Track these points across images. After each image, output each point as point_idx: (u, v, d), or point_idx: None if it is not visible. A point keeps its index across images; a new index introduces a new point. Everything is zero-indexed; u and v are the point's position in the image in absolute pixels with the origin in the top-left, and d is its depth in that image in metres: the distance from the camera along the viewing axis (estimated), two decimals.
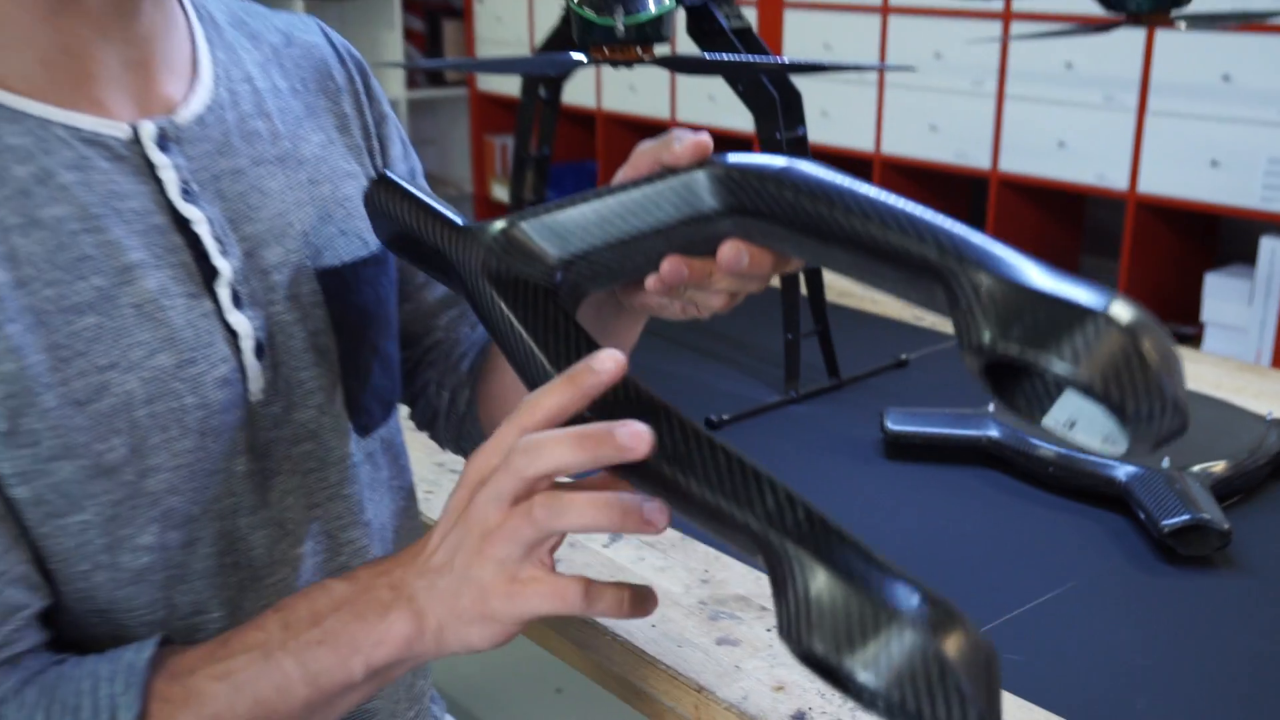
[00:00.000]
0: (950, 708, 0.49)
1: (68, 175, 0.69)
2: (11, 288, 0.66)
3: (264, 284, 0.76)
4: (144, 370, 0.69)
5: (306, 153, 0.82)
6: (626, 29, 0.90)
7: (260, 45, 0.84)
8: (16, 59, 0.69)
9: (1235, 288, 2.60)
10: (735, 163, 0.66)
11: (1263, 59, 2.37)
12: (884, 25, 2.97)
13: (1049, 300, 0.52)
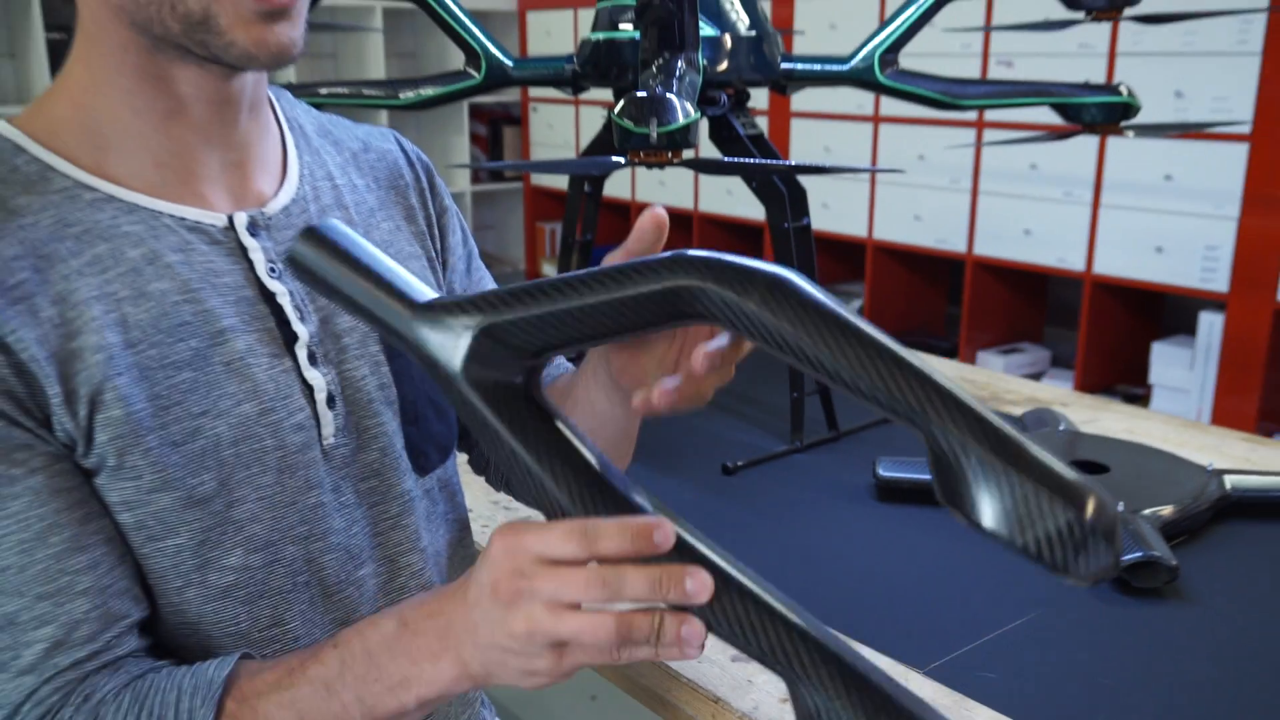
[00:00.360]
0: None
1: (173, 256, 0.70)
2: (122, 348, 0.67)
3: (336, 345, 0.77)
4: (231, 417, 0.70)
5: (377, 237, 0.83)
6: (659, 136, 0.90)
7: (341, 150, 0.85)
8: (135, 161, 0.71)
9: (1178, 355, 2.57)
10: (719, 280, 0.56)
11: (1199, 162, 2.37)
12: (875, 131, 2.99)
13: (1031, 485, 0.50)
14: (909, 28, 1.26)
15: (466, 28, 1.31)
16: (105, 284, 0.68)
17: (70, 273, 0.67)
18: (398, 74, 4.26)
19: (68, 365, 0.66)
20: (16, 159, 0.69)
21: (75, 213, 0.68)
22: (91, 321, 0.66)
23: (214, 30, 0.66)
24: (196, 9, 0.65)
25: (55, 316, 0.66)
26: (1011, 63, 2.64)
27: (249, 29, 0.66)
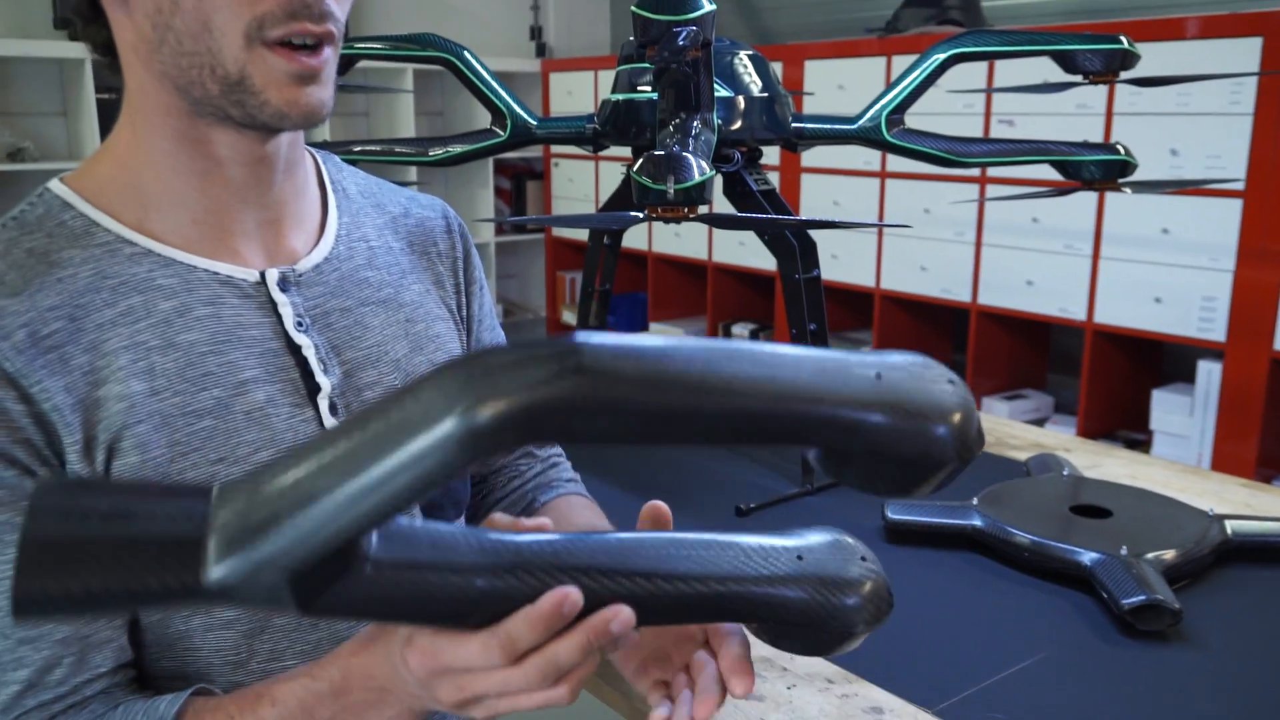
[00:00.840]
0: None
1: (203, 309, 0.72)
2: (145, 396, 0.68)
3: (358, 399, 0.78)
4: (247, 464, 0.71)
5: (406, 298, 0.84)
6: (676, 193, 0.91)
7: (383, 213, 0.86)
8: (173, 218, 0.72)
9: (1178, 402, 2.55)
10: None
11: (1195, 217, 2.37)
12: (882, 186, 3.00)
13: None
14: (914, 89, 1.27)
15: (493, 89, 1.32)
16: (136, 334, 0.69)
17: (104, 322, 0.68)
18: (426, 131, 4.31)
19: (91, 412, 0.66)
20: (65, 215, 0.71)
21: (114, 266, 0.70)
22: (119, 371, 0.67)
23: (249, 91, 0.67)
24: (234, 71, 0.67)
25: (85, 365, 0.67)
26: (1013, 121, 2.65)
27: (282, 90, 0.68)
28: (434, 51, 1.33)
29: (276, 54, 0.67)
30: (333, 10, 0.68)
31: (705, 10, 0.95)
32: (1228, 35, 2.27)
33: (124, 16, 0.69)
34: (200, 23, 0.66)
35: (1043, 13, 3.12)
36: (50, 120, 3.54)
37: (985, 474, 1.30)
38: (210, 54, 0.66)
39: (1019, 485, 1.25)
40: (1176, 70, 2.30)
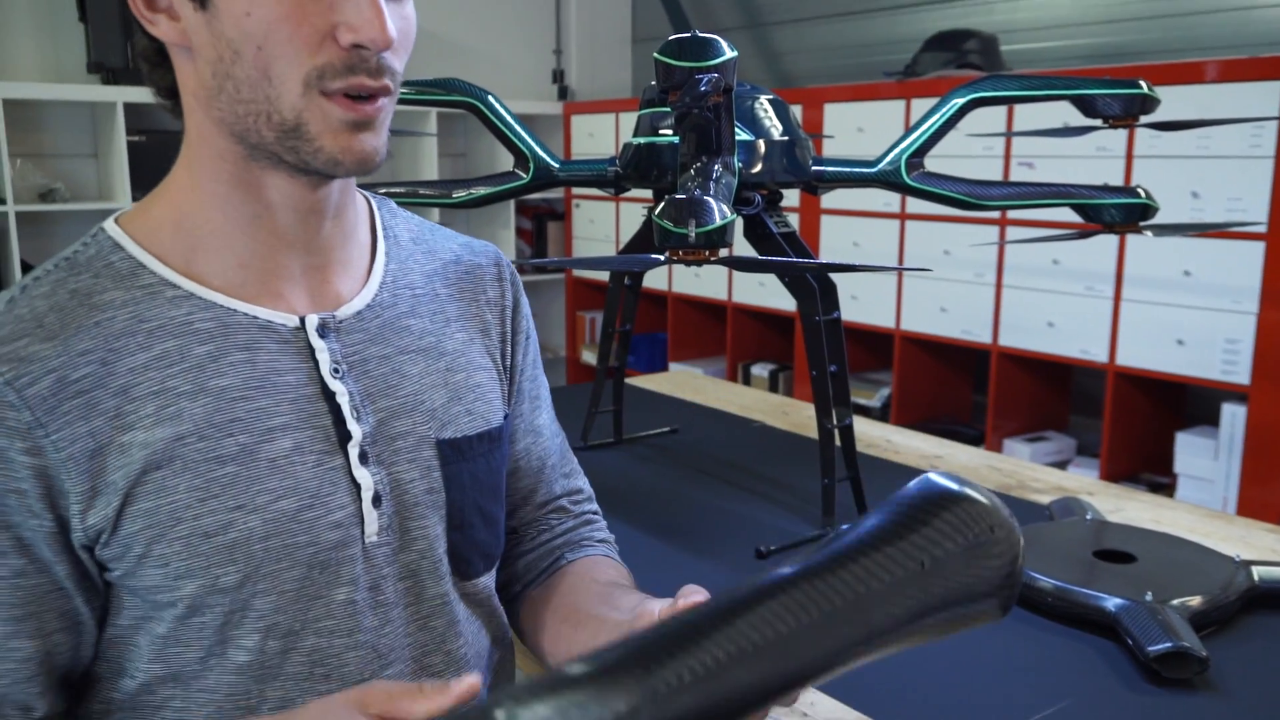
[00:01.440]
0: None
1: (238, 355, 0.72)
2: (168, 441, 0.68)
3: (390, 447, 0.77)
4: (267, 513, 0.70)
5: (449, 346, 0.83)
6: (697, 236, 0.92)
7: (433, 259, 0.86)
8: (219, 261, 0.73)
9: (1202, 445, 2.53)
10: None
11: (1217, 259, 2.36)
12: (902, 228, 3.01)
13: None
14: (934, 133, 1.28)
15: (516, 132, 1.34)
16: (167, 379, 0.69)
17: (136, 366, 0.69)
18: (449, 172, 4.36)
19: (113, 456, 0.67)
20: (114, 256, 0.72)
21: (153, 309, 0.70)
22: (145, 418, 0.68)
23: (304, 137, 0.68)
24: (290, 118, 0.68)
25: (112, 409, 0.67)
26: (1032, 164, 2.66)
27: (336, 137, 0.69)
28: (459, 96, 1.35)
29: (333, 102, 0.68)
30: (391, 65, 0.70)
31: (727, 57, 0.96)
32: (1247, 79, 2.27)
33: (187, 63, 0.70)
34: (260, 71, 0.67)
35: (1062, 56, 3.13)
36: (82, 162, 3.60)
37: None
38: (268, 101, 0.68)
39: (1042, 529, 1.23)
40: (1196, 113, 2.30)
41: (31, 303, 0.68)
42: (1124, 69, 2.61)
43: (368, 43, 0.67)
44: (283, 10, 0.66)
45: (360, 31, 0.66)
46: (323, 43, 0.67)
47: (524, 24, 4.55)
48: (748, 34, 4.16)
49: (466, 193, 1.36)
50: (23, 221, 3.32)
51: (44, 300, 0.69)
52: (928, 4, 3.47)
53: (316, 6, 0.66)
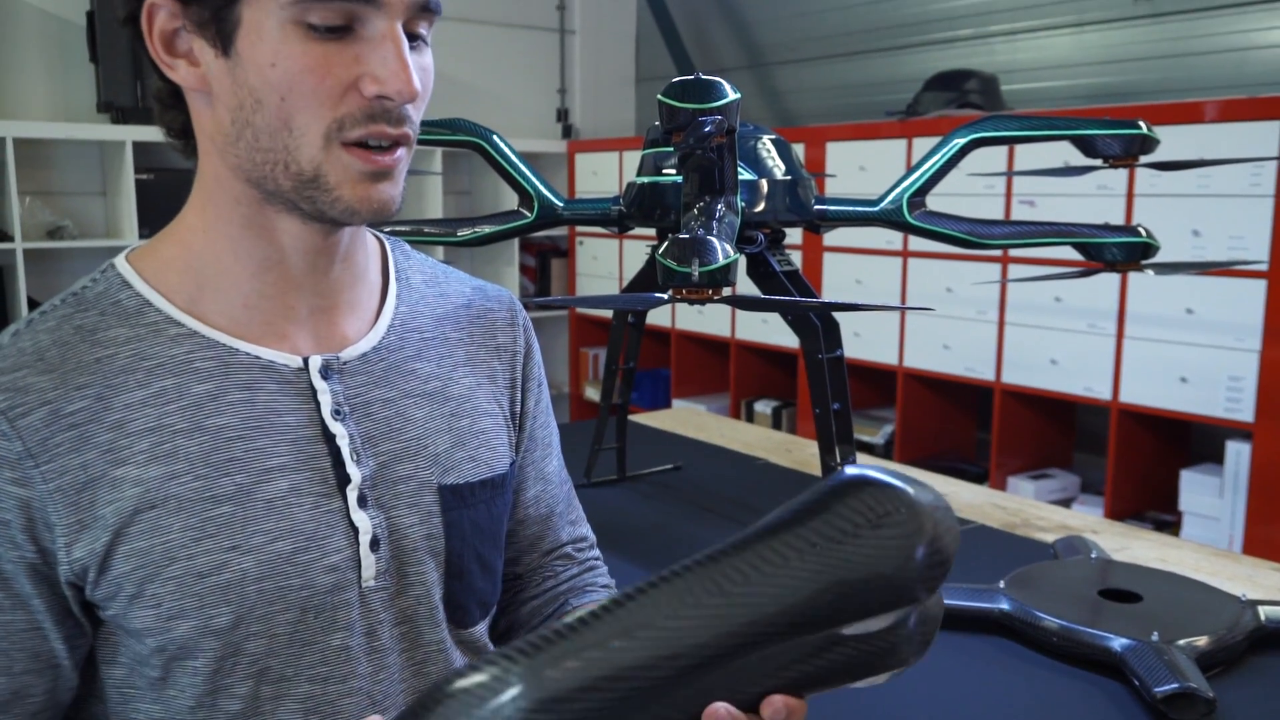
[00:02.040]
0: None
1: (238, 394, 0.72)
2: (162, 480, 0.68)
3: (390, 491, 0.76)
4: (261, 554, 0.70)
5: (455, 391, 0.82)
6: (700, 275, 0.92)
7: (445, 303, 0.85)
8: (226, 302, 0.73)
9: (1207, 483, 2.52)
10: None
11: (1219, 296, 2.36)
12: (905, 266, 3.02)
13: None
14: (935, 173, 1.29)
15: (521, 172, 1.35)
16: (164, 416, 0.69)
17: (133, 403, 0.69)
18: (454, 209, 4.39)
19: (104, 491, 0.67)
20: (122, 294, 0.72)
21: (155, 347, 0.70)
22: (139, 453, 0.68)
23: (322, 188, 0.68)
24: (308, 168, 0.68)
25: (106, 443, 0.67)
26: (1034, 202, 2.67)
27: (355, 187, 0.69)
28: (464, 136, 1.36)
29: (352, 153, 0.68)
30: (410, 115, 0.70)
31: (730, 99, 0.97)
32: (1246, 118, 2.29)
33: (205, 108, 0.71)
34: (281, 121, 0.67)
35: (1062, 96, 3.16)
36: (90, 200, 3.63)
37: (1011, 556, 1.29)
38: (286, 151, 0.68)
39: (1046, 568, 1.23)
40: (1196, 153, 2.32)
41: (36, 336, 0.69)
42: (1124, 109, 2.63)
43: (393, 95, 0.67)
44: (309, 62, 0.66)
45: (386, 84, 0.67)
46: (345, 94, 0.67)
47: (529, 63, 4.60)
48: (750, 73, 4.20)
49: (471, 231, 1.37)
50: (30, 258, 3.34)
51: (48, 335, 0.69)
52: (929, 44, 3.51)
53: (342, 58, 0.67)
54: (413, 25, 0.70)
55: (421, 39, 0.71)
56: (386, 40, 0.67)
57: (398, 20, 0.68)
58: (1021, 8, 3.23)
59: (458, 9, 4.34)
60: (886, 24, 3.63)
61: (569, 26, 4.66)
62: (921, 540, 0.52)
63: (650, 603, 0.55)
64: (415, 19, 0.69)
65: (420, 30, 0.71)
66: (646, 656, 0.53)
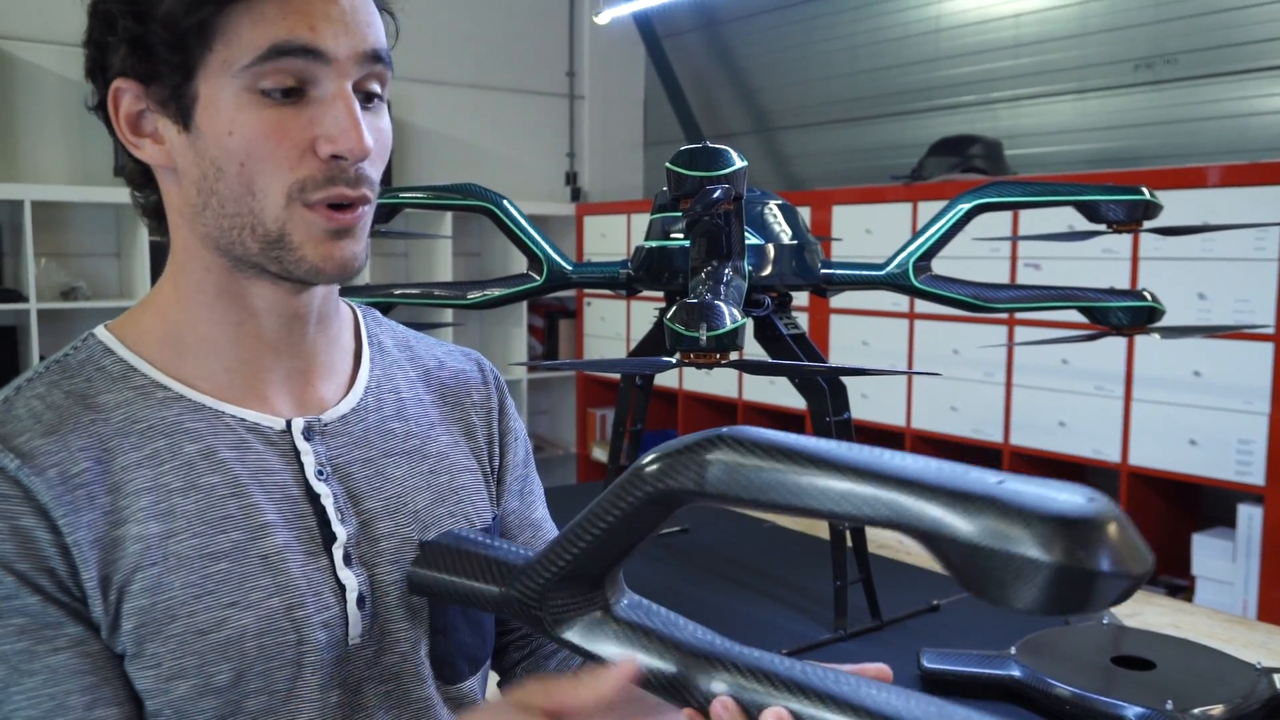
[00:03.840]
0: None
1: (228, 453, 0.73)
2: (161, 538, 0.69)
3: (373, 549, 0.77)
4: (259, 610, 0.70)
5: (433, 449, 0.84)
6: (708, 339, 0.93)
7: (418, 365, 0.88)
8: (206, 365, 0.75)
9: (1220, 547, 2.49)
10: (676, 475, 0.61)
11: (1226, 359, 2.36)
12: (911, 328, 3.03)
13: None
14: (940, 238, 1.30)
15: (531, 236, 1.37)
16: (159, 476, 0.70)
17: (129, 464, 0.70)
18: (463, 271, 4.42)
19: (109, 552, 0.67)
20: (105, 360, 0.74)
21: (145, 410, 0.72)
22: (139, 512, 0.69)
23: (287, 247, 0.70)
24: (274, 229, 0.70)
25: (107, 505, 0.68)
26: (1039, 265, 2.69)
27: (318, 245, 0.71)
28: (475, 200, 1.38)
29: (314, 212, 0.70)
30: (369, 174, 0.72)
31: (737, 167, 0.99)
32: (1249, 184, 2.31)
33: (173, 183, 0.73)
34: (244, 185, 0.69)
35: (1065, 161, 3.19)
36: (104, 261, 3.67)
37: (1022, 621, 1.27)
38: (252, 214, 0.70)
39: (1058, 634, 1.22)
40: (1199, 217, 2.34)
41: (28, 403, 0.70)
42: (1127, 174, 2.65)
43: (346, 153, 0.69)
44: (264, 128, 0.68)
45: (338, 142, 0.69)
46: (303, 156, 0.69)
47: (539, 128, 4.67)
48: (756, 138, 4.26)
49: (481, 294, 1.38)
50: (43, 318, 3.37)
51: (39, 400, 0.70)
52: (933, 110, 3.56)
53: (297, 122, 0.69)
54: (365, 84, 0.72)
55: (378, 97, 0.74)
56: (337, 100, 0.69)
57: (348, 80, 0.70)
58: (1024, 74, 3.28)
59: (470, 76, 4.42)
60: (891, 90, 3.69)
61: (578, 92, 4.74)
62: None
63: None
64: (367, 77, 0.72)
65: (374, 88, 0.73)
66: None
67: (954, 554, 0.48)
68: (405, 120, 4.21)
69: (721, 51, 4.42)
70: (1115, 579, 0.45)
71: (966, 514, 0.48)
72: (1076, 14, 3.13)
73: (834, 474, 0.53)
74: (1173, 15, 2.90)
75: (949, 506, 0.49)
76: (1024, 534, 0.46)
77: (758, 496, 0.56)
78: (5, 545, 0.65)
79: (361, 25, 0.71)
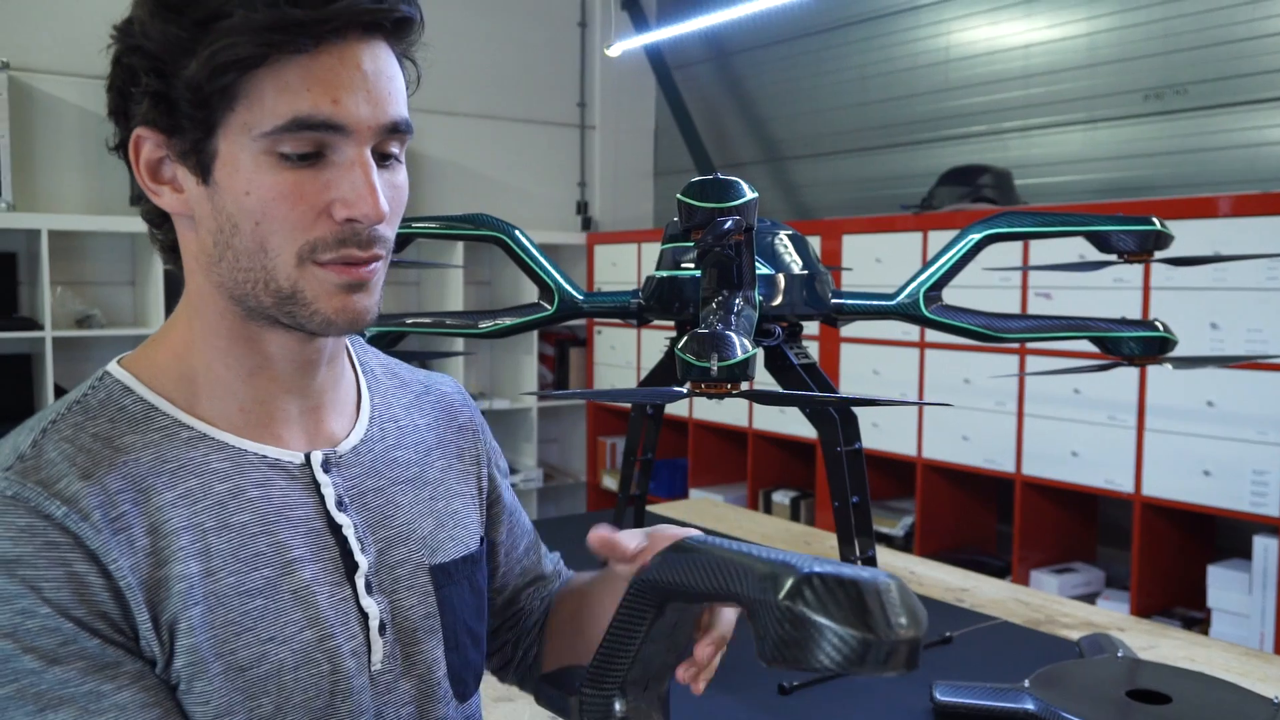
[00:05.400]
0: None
1: (254, 491, 0.74)
2: (201, 577, 0.69)
3: (390, 576, 0.79)
4: (294, 643, 0.72)
5: (430, 475, 0.86)
6: (719, 370, 0.93)
7: (406, 391, 0.90)
8: (223, 406, 0.76)
9: (1235, 579, 2.47)
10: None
11: (1240, 389, 2.35)
12: (922, 357, 3.02)
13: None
14: (951, 268, 1.30)
15: (542, 266, 1.38)
16: (194, 515, 0.71)
17: (164, 504, 0.70)
18: (474, 299, 4.44)
19: (155, 593, 0.68)
20: (125, 400, 0.73)
21: (173, 450, 0.72)
22: (179, 551, 0.69)
23: (300, 303, 0.71)
24: (286, 286, 0.71)
25: (148, 546, 0.68)
26: (1050, 295, 2.69)
27: (331, 300, 0.71)
28: (487, 231, 1.39)
29: (327, 269, 0.71)
30: (382, 235, 0.72)
31: (748, 198, 0.99)
32: (1260, 213, 2.31)
33: (190, 230, 0.74)
34: (257, 243, 0.70)
35: (1075, 191, 3.20)
36: (119, 290, 3.70)
37: (1036, 654, 1.26)
38: (265, 270, 0.70)
39: (1072, 667, 1.20)
40: (1210, 247, 2.34)
41: (59, 446, 0.69)
42: (1137, 204, 2.66)
43: (361, 218, 0.70)
44: (281, 190, 0.69)
45: (355, 208, 0.69)
46: (318, 218, 0.70)
47: (550, 158, 4.70)
48: (766, 167, 4.27)
49: (493, 324, 1.38)
50: (58, 346, 3.39)
51: (69, 444, 0.70)
52: (943, 140, 3.57)
53: (313, 185, 0.69)
54: (383, 146, 0.72)
55: (394, 158, 0.74)
56: (355, 166, 0.69)
57: (366, 146, 0.70)
58: (1034, 105, 3.29)
59: (482, 106, 4.46)
60: (901, 120, 3.71)
61: (589, 122, 4.77)
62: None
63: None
64: (385, 140, 0.72)
65: (392, 150, 0.73)
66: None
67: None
68: (418, 150, 4.24)
69: (732, 82, 4.45)
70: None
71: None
72: (1086, 44, 3.15)
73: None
74: (1182, 46, 2.91)
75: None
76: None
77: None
78: (62, 592, 0.65)
79: (384, 95, 0.70)
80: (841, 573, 0.59)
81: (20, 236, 3.48)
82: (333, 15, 0.67)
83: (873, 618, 0.57)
